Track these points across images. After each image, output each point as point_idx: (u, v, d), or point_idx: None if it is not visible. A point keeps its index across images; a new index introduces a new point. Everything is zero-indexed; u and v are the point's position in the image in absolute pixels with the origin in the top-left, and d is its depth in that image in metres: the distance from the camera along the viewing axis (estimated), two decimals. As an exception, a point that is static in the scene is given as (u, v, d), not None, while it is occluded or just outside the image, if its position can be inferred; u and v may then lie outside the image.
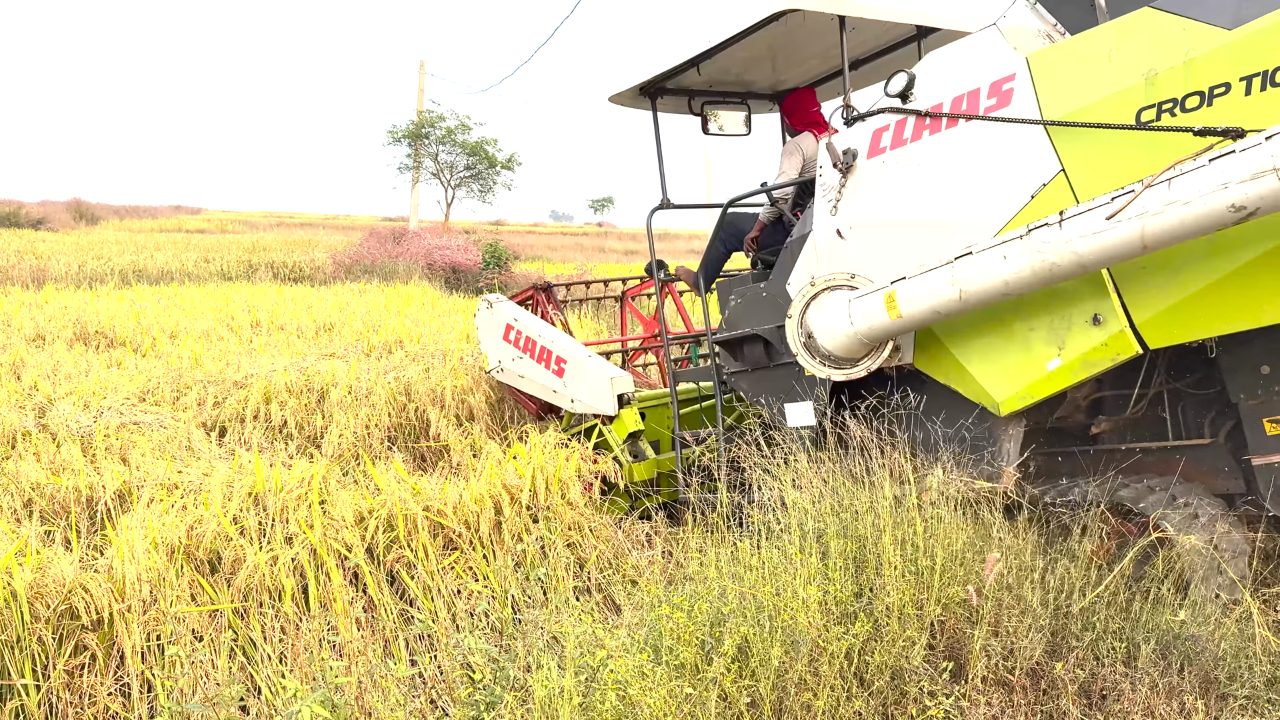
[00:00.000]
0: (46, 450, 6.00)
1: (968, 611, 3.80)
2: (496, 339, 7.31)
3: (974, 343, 4.41)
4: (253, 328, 12.39)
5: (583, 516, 5.30)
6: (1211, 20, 3.60)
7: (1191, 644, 3.76)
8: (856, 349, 4.67)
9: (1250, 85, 3.47)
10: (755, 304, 5.35)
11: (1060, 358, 4.10)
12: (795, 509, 4.24)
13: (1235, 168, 3.26)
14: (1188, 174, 3.40)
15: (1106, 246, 3.62)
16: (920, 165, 4.49)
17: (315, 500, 4.76)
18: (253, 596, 4.26)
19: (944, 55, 4.55)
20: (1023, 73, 4.14)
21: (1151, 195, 3.48)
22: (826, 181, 4.89)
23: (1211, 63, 3.58)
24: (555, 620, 3.80)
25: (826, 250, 4.87)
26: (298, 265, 23.26)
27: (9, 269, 19.53)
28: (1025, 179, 4.10)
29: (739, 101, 6.79)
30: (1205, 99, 3.58)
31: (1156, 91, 3.71)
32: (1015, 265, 3.89)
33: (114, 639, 3.85)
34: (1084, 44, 4.02)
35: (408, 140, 34.80)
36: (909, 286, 4.30)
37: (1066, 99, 4.00)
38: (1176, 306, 3.79)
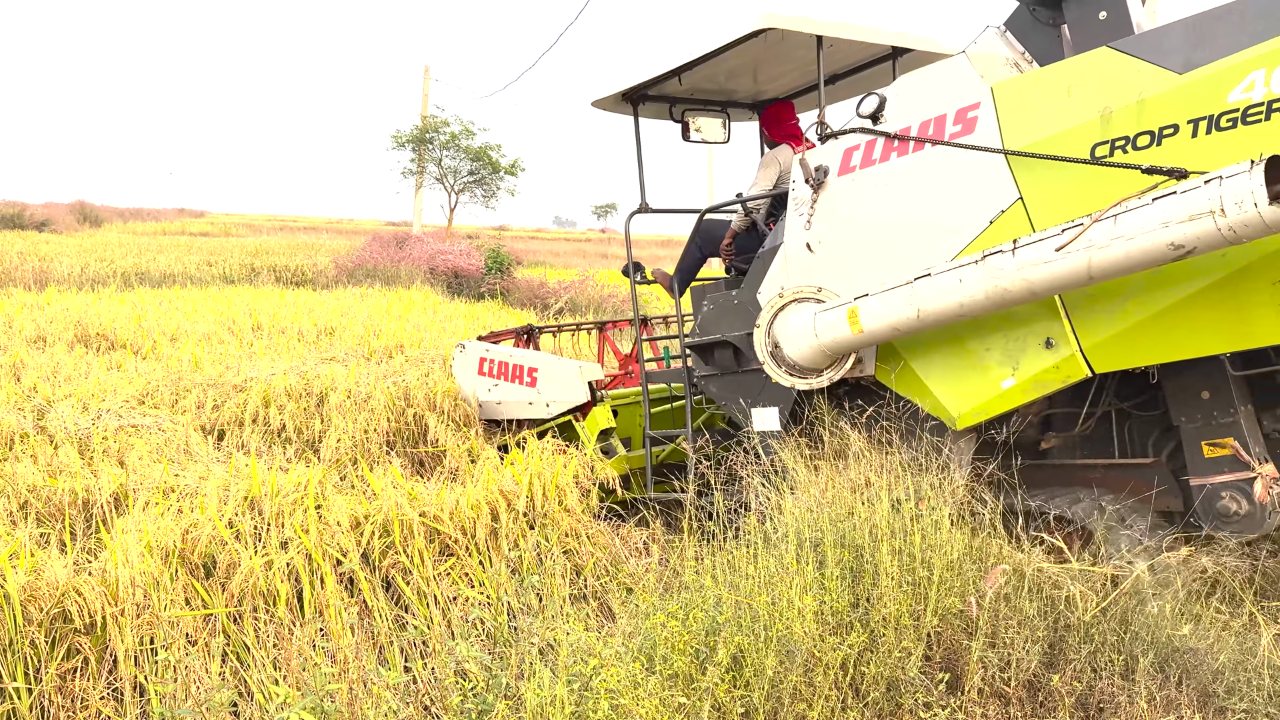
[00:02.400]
0: (43, 452, 5.98)
1: (965, 622, 3.78)
2: (472, 376, 7.59)
3: (932, 359, 4.59)
4: (254, 331, 12.38)
5: (580, 523, 5.29)
6: (1163, 63, 3.76)
7: (1190, 657, 3.74)
8: (820, 360, 4.87)
9: (1197, 128, 3.64)
10: (727, 311, 5.52)
11: (1014, 377, 4.30)
12: (792, 517, 4.23)
13: (1175, 208, 3.42)
14: (1132, 211, 3.55)
15: (1056, 275, 3.79)
16: (888, 186, 4.66)
17: (311, 505, 4.74)
18: (247, 601, 4.24)
19: (914, 80, 4.70)
20: (987, 102, 4.30)
21: (1099, 229, 3.63)
22: (799, 195, 5.05)
23: (1162, 104, 3.74)
24: (550, 628, 3.78)
25: (796, 262, 5.05)
26: (300, 269, 23.28)
27: (12, 270, 19.54)
28: (985, 205, 4.28)
29: (719, 110, 6.93)
30: (1155, 138, 3.75)
31: (1111, 128, 3.88)
32: (970, 289, 4.06)
33: (107, 643, 3.84)
34: (1046, 78, 4.18)
35: (412, 145, 34.85)
36: (870, 304, 4.49)
37: (1027, 130, 4.16)
38: (1123, 334, 3.97)
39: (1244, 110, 3.54)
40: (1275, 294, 3.60)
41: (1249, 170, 3.28)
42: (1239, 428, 4.14)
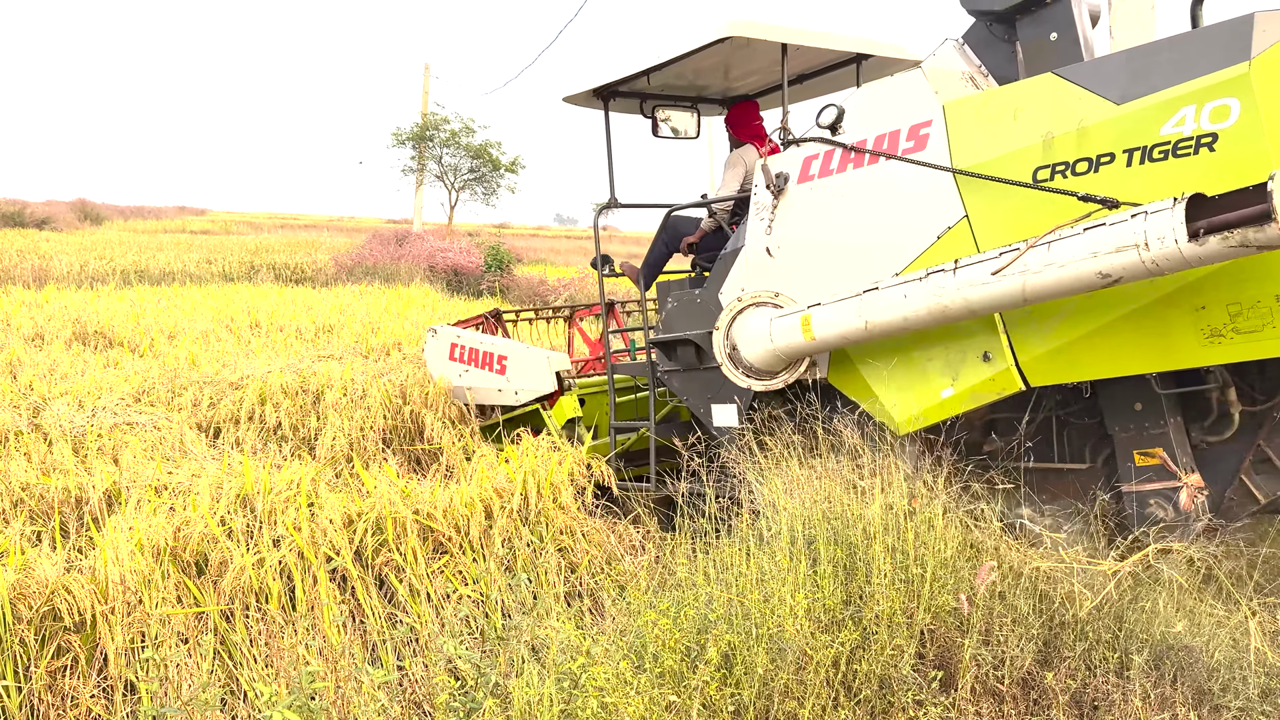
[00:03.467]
0: (37, 450, 5.97)
1: (958, 620, 3.76)
2: (443, 361, 7.72)
3: (880, 367, 4.77)
4: (252, 329, 12.36)
5: (574, 520, 5.26)
6: (1103, 93, 3.90)
7: (1185, 655, 3.73)
8: (775, 363, 5.06)
9: (1131, 158, 3.78)
10: (690, 309, 5.67)
11: (953, 388, 4.49)
12: (785, 514, 4.21)
13: (1104, 239, 3.59)
14: (1065, 240, 3.72)
15: (992, 296, 3.96)
16: (844, 196, 4.81)
17: (303, 503, 4.72)
18: (239, 599, 4.22)
19: (872, 93, 4.83)
20: (939, 120, 4.44)
21: (1033, 255, 3.80)
22: (760, 200, 5.20)
23: (1100, 133, 3.88)
24: (541, 625, 3.76)
25: (756, 266, 5.21)
26: (300, 267, 23.28)
27: (11, 269, 19.54)
28: (933, 221, 4.43)
29: (689, 105, 7.05)
30: (1093, 165, 3.89)
31: (1052, 153, 4.02)
32: (913, 304, 4.24)
33: (97, 641, 3.82)
34: (994, 100, 4.32)
35: (412, 143, 34.83)
36: (822, 313, 4.67)
37: (974, 150, 4.30)
38: (1056, 351, 4.14)
39: (1175, 144, 3.68)
40: (1197, 320, 3.77)
41: (1171, 208, 3.43)
42: (1168, 439, 4.30)
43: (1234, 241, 3.33)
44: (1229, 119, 3.56)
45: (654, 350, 6.06)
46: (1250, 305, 3.65)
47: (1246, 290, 3.64)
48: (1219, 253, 3.39)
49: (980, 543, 4.18)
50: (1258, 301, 3.62)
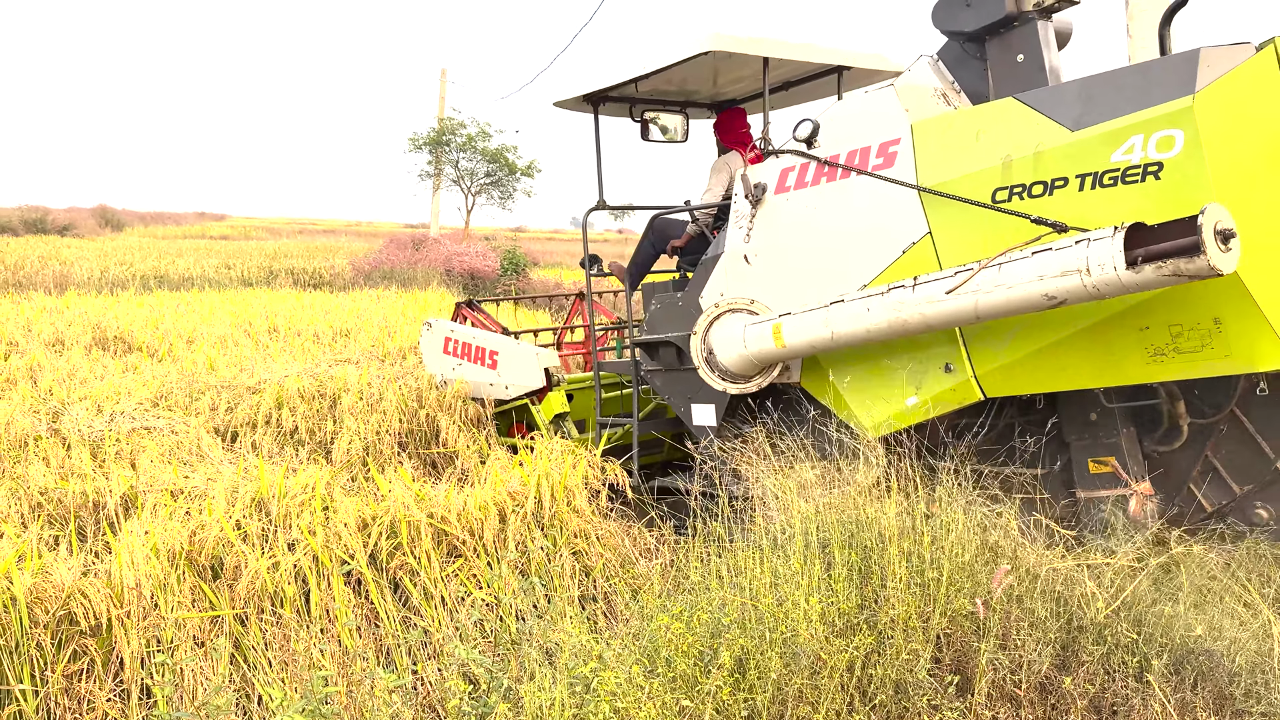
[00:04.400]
0: (55, 455, 6.01)
1: (975, 624, 3.73)
2: (438, 354, 7.94)
3: (849, 373, 4.95)
4: (270, 334, 12.43)
5: (589, 524, 5.25)
6: (1059, 119, 4.04)
7: (1206, 659, 3.68)
8: (749, 368, 5.23)
9: (1084, 182, 3.92)
10: (672, 311, 5.83)
11: (917, 396, 4.66)
12: (799, 518, 4.19)
13: (1050, 264, 3.73)
14: (1014, 262, 3.87)
15: (947, 313, 4.13)
16: (817, 208, 4.96)
17: (318, 507, 4.73)
18: (253, 603, 4.23)
19: (846, 108, 5.02)
20: (907, 139, 4.58)
21: (985, 276, 3.95)
22: (739, 209, 5.38)
23: (1055, 157, 4.02)
24: (553, 629, 3.75)
25: (735, 273, 5.38)
26: (318, 271, 23.41)
27: (33, 274, 19.73)
28: (899, 236, 4.59)
29: (678, 109, 7.18)
30: (1048, 189, 4.03)
31: (1010, 175, 4.16)
32: (876, 318, 4.40)
33: (113, 644, 3.83)
34: (959, 121, 4.47)
35: (429, 147, 34.93)
36: (792, 322, 4.83)
37: (939, 169, 4.44)
38: (1011, 364, 4.30)
39: (1124, 170, 3.81)
40: (1141, 339, 3.93)
41: (1111, 236, 3.57)
42: (1120, 448, 4.47)
43: (1167, 271, 3.47)
44: (1174, 149, 3.69)
45: (638, 349, 6.22)
46: (1190, 326, 3.81)
47: (1187, 313, 3.79)
48: (1155, 280, 3.54)
49: (998, 545, 4.16)
50: (1197, 323, 3.79)
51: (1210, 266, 3.37)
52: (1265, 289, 3.67)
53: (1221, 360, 3.79)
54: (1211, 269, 3.38)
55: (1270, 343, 3.69)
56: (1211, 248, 3.37)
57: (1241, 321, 3.71)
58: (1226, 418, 4.31)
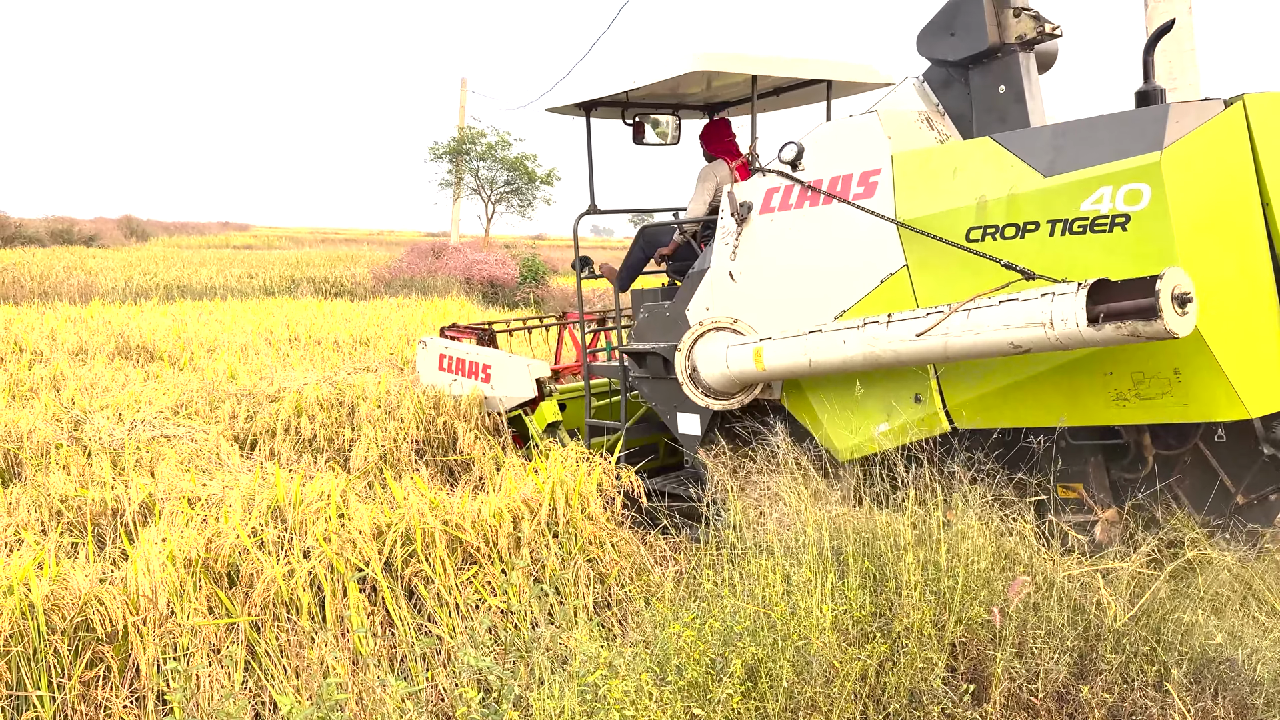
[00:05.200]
0: (76, 463, 6.06)
1: (990, 632, 3.69)
2: (433, 371, 8.14)
3: (826, 397, 5.05)
4: (290, 342, 12.50)
5: (604, 531, 5.24)
6: (1033, 164, 4.09)
7: (1227, 668, 3.63)
8: (731, 386, 5.34)
9: (1054, 228, 3.97)
10: (659, 321, 5.94)
11: (887, 424, 4.75)
12: (813, 525, 4.17)
13: (1016, 314, 3.82)
14: (982, 309, 3.96)
15: (918, 351, 4.22)
16: (800, 231, 5.03)
17: (333, 514, 4.75)
18: (269, 610, 4.25)
19: (830, 134, 5.00)
20: (887, 170, 4.63)
21: (955, 320, 4.04)
22: (725, 226, 5.43)
23: (1028, 201, 4.06)
24: (565, 637, 3.75)
25: (720, 289, 5.47)
26: (339, 280, 23.53)
27: (58, 284, 19.95)
28: (877, 266, 4.66)
29: (671, 112, 7.25)
30: (1020, 231, 4.09)
31: (984, 216, 4.21)
32: (851, 350, 4.51)
33: (129, 651, 3.86)
34: (937, 157, 4.52)
35: (449, 156, 35.09)
36: (773, 347, 4.94)
37: (916, 204, 4.49)
38: (979, 399, 4.39)
39: (1093, 219, 3.86)
40: (1105, 384, 4.02)
41: (1075, 292, 3.65)
42: (1088, 476, 4.57)
43: (1126, 330, 3.55)
44: (1141, 202, 3.74)
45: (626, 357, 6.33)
46: (1152, 375, 3.89)
47: (1149, 361, 3.87)
48: (1114, 338, 3.61)
49: (1014, 553, 4.12)
50: (1159, 372, 3.86)
51: (1166, 329, 3.44)
52: (1224, 344, 3.74)
53: (1180, 409, 3.88)
54: (1167, 332, 3.45)
55: (1227, 395, 3.77)
56: (1168, 312, 3.44)
57: (1200, 374, 3.78)
58: (1190, 451, 4.35)
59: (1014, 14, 4.70)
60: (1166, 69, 8.00)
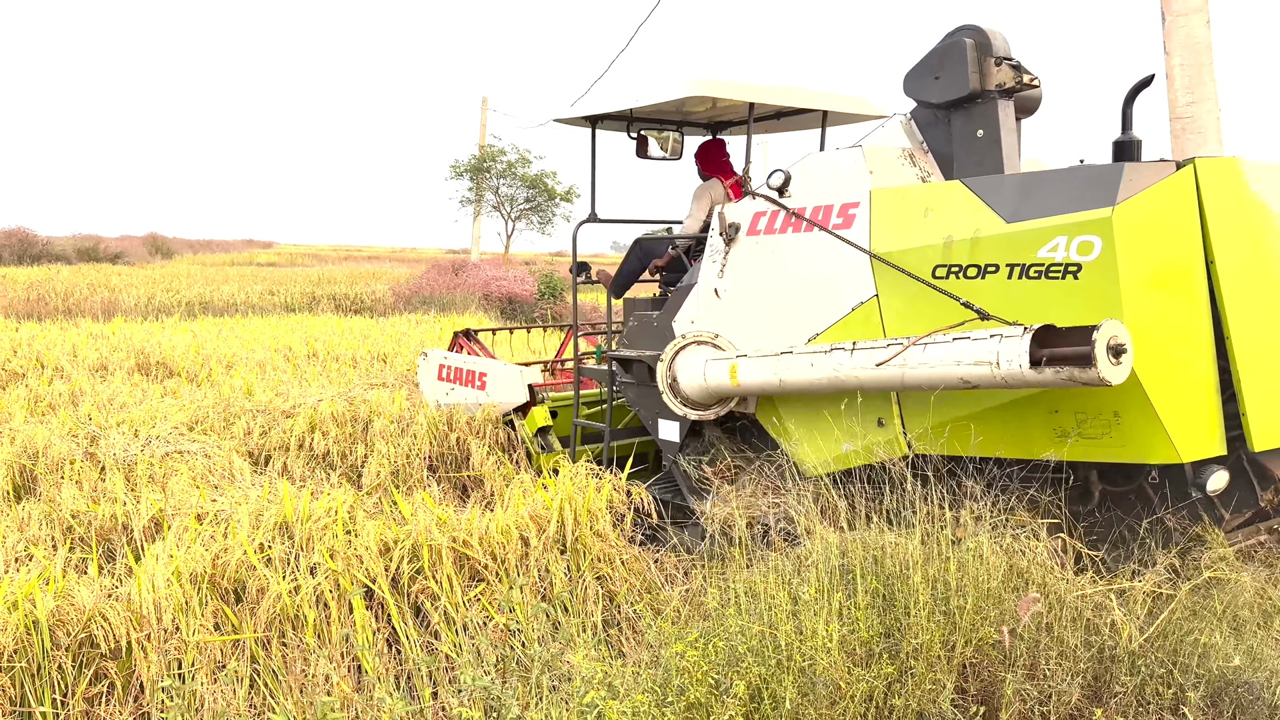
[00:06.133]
0: (88, 479, 6.09)
1: (1001, 653, 3.63)
2: (433, 381, 8.52)
3: (796, 414, 5.27)
4: (309, 358, 12.54)
5: (613, 549, 5.20)
6: (997, 209, 4.30)
7: (1245, 691, 3.56)
8: (708, 398, 5.58)
9: (1012, 271, 4.18)
10: (647, 331, 6.21)
11: (851, 444, 4.96)
12: (821, 542, 4.12)
13: (967, 352, 4.03)
14: (937, 344, 4.19)
15: (878, 379, 4.45)
16: (783, 255, 5.26)
17: (340, 530, 4.73)
18: (275, 626, 4.23)
19: (816, 165, 5.25)
20: (865, 204, 4.86)
21: (912, 352, 4.26)
22: (713, 245, 5.67)
23: (990, 244, 4.28)
24: (564, 656, 3.71)
25: (706, 304, 5.71)
26: (359, 296, 23.62)
27: (81, 302, 20.13)
28: (850, 294, 4.89)
29: (674, 128, 7.47)
30: (981, 272, 4.30)
31: (950, 255, 4.43)
32: (818, 373, 4.74)
33: (133, 668, 3.85)
34: (912, 195, 4.75)
35: (470, 174, 35.27)
36: (747, 364, 5.17)
37: (890, 238, 4.72)
38: (935, 427, 4.58)
39: (1048, 266, 4.06)
40: (1051, 420, 4.23)
41: (1020, 336, 3.87)
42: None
43: (1064, 375, 3.75)
44: (1092, 254, 3.93)
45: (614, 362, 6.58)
46: (1094, 415, 4.10)
47: (1091, 402, 4.07)
48: (1054, 380, 3.81)
49: (1026, 571, 4.06)
50: (1100, 413, 4.08)
51: (1099, 377, 3.65)
52: (1161, 392, 3.94)
53: (1119, 449, 4.09)
54: (1100, 379, 3.65)
55: (1162, 440, 3.97)
56: (1102, 361, 3.63)
57: (1138, 418, 3.99)
58: (1135, 489, 4.48)
59: (995, 63, 4.94)
60: (1186, 84, 7.93)
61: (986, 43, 4.94)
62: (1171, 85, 8.00)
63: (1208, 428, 4.08)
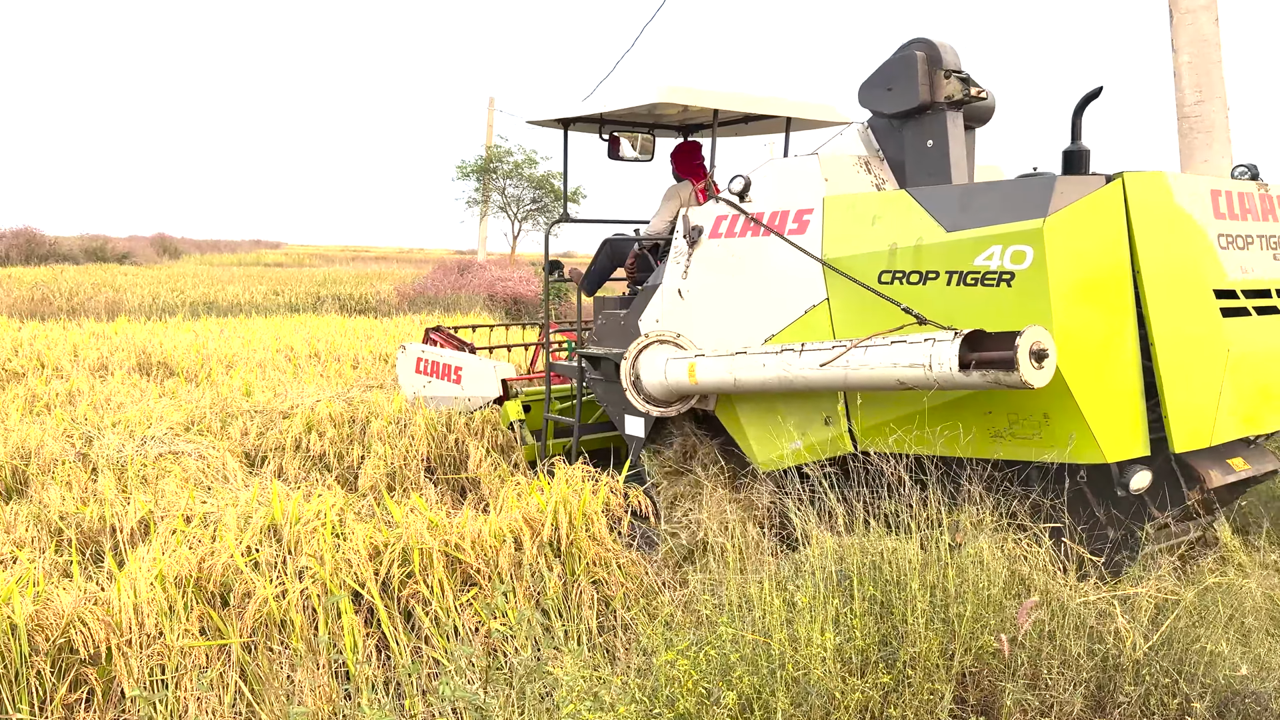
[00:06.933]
0: (78, 480, 6.02)
1: (1002, 662, 3.53)
2: (411, 374, 8.71)
3: (751, 412, 5.48)
4: (310, 358, 12.47)
5: (610, 552, 5.11)
6: (939, 219, 4.49)
7: (1253, 701, 3.46)
8: (669, 396, 5.74)
9: (951, 278, 4.38)
10: (614, 329, 6.39)
11: (800, 441, 5.17)
12: (816, 548, 4.03)
13: (903, 354, 4.23)
14: (876, 347, 4.39)
15: (824, 379, 4.64)
16: (741, 258, 5.45)
17: (328, 533, 4.64)
18: (261, 631, 4.16)
19: (775, 171, 5.43)
20: (819, 211, 5.05)
21: (853, 354, 4.46)
22: (677, 246, 5.85)
23: (932, 252, 4.48)
24: (550, 664, 3.62)
25: (670, 304, 5.89)
26: (364, 297, 23.55)
27: (85, 301, 20.11)
28: (802, 297, 5.09)
29: (646, 130, 7.67)
30: (923, 279, 4.50)
31: (894, 262, 4.63)
32: (769, 373, 4.91)
33: (113, 674, 3.77)
34: (861, 204, 4.93)
35: (476, 175, 35.18)
36: (704, 363, 5.36)
37: (841, 244, 4.91)
38: (878, 426, 4.80)
39: (983, 274, 4.27)
40: (986, 421, 4.42)
41: (951, 340, 4.06)
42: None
43: (990, 378, 3.95)
44: (1024, 263, 4.13)
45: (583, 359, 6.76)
46: (1025, 417, 4.29)
47: (1023, 404, 4.27)
48: (982, 383, 4.01)
49: (1029, 577, 3.97)
50: (1030, 415, 4.27)
51: (1022, 380, 3.83)
52: (1089, 395, 4.13)
53: (1048, 449, 4.26)
54: (1023, 383, 3.83)
55: (1088, 441, 4.16)
56: (1025, 365, 3.82)
57: (1065, 419, 4.17)
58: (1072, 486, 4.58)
59: (945, 76, 5.12)
60: (1194, 82, 7.82)
61: (937, 56, 5.12)
62: (1179, 83, 7.90)
63: (1132, 430, 4.28)
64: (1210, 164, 7.69)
